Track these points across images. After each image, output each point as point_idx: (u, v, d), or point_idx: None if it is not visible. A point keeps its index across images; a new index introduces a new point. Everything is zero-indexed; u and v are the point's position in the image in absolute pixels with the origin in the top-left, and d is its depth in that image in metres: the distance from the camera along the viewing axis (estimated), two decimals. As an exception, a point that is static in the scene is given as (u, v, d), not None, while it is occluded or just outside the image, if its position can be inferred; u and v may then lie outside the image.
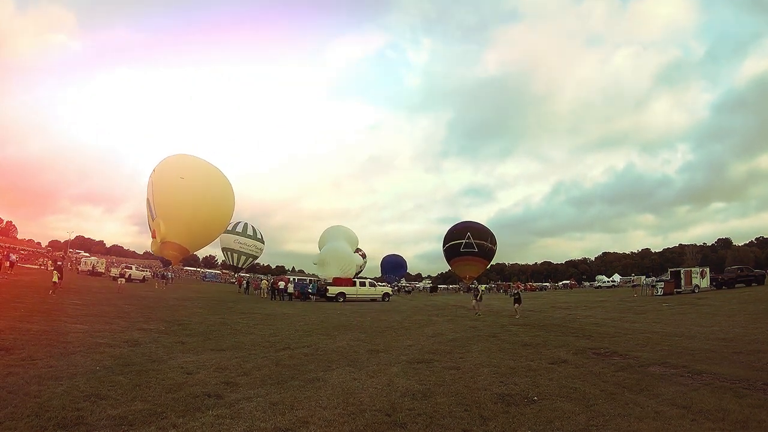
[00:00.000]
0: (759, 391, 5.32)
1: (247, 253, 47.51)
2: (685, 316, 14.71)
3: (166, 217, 23.37)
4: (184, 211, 23.72)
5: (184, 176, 23.95)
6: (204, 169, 26.33)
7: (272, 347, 8.72)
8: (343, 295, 27.71)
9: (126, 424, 3.95)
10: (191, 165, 26.02)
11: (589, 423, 4.32)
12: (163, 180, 24.18)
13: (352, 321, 15.03)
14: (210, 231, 27.31)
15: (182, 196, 23.74)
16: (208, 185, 25.39)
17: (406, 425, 4.25)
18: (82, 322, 10.42)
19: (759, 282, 28.57)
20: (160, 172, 24.77)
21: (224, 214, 28.11)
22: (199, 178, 25.00)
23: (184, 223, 23.86)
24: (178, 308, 16.67)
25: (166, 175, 24.42)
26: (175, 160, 26.32)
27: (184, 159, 26.98)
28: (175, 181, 23.74)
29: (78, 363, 6.13)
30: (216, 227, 28.14)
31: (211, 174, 26.52)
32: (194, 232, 24.97)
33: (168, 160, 26.24)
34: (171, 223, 23.38)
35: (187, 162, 26.37)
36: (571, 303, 25.09)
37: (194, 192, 24.16)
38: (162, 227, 23.06)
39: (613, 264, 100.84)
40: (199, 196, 24.35)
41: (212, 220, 26.26)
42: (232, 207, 28.81)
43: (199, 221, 24.75)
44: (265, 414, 4.41)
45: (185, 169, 25.06)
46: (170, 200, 23.70)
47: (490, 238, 47.22)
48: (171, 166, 25.42)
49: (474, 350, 8.79)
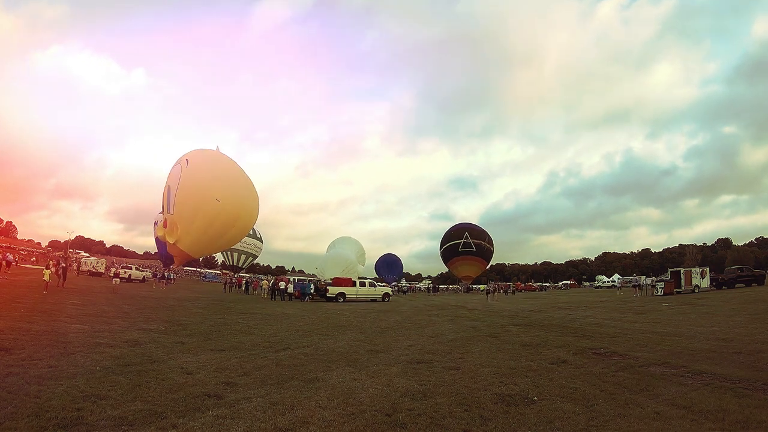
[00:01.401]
0: (759, 391, 5.32)
1: (247, 252, 47.45)
2: (685, 316, 14.70)
3: (186, 226, 22.22)
4: (208, 232, 22.35)
5: (220, 199, 21.84)
6: (240, 185, 23.73)
7: (272, 347, 8.72)
8: (342, 295, 27.71)
9: (126, 424, 3.95)
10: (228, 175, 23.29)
11: (589, 423, 4.32)
12: (196, 188, 21.95)
13: (352, 321, 15.02)
14: (222, 247, 26.60)
15: (213, 218, 21.67)
16: (241, 208, 23.29)
17: (406, 425, 4.25)
18: (82, 322, 10.42)
19: (759, 282, 28.56)
20: (194, 173, 22.45)
21: (245, 233, 27.01)
22: (235, 201, 22.79)
23: (202, 241, 22.91)
24: (178, 308, 16.67)
25: (202, 183, 22.08)
26: (210, 162, 23.73)
27: (220, 161, 24.07)
28: (208, 198, 21.74)
29: (78, 363, 6.13)
30: (230, 243, 27.11)
31: (245, 192, 24.07)
32: (208, 248, 24.44)
33: (202, 158, 23.76)
34: (190, 236, 22.35)
35: (225, 170, 23.54)
36: (571, 303, 25.09)
37: (227, 216, 22.09)
38: (179, 232, 22.31)
39: (613, 264, 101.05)
40: (230, 220, 22.41)
41: (230, 241, 25.30)
42: (254, 224, 27.71)
43: (219, 243, 24.05)
44: (265, 414, 4.41)
45: (221, 180, 22.69)
46: (198, 218, 21.96)
47: (487, 238, 47.39)
48: (205, 167, 23.06)
49: (474, 350, 8.79)
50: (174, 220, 22.52)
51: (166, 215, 23.72)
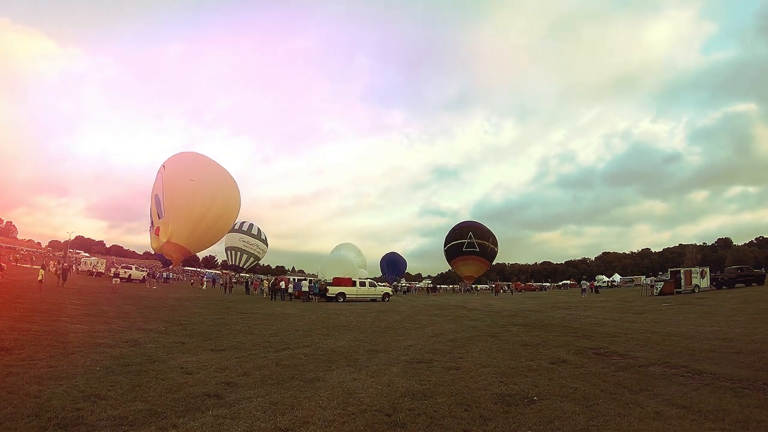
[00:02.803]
0: (759, 391, 5.31)
1: (250, 253, 47.38)
2: (685, 316, 14.70)
3: (174, 219, 23.19)
4: (192, 213, 23.53)
5: (194, 178, 23.74)
6: (213, 170, 25.96)
7: (272, 347, 8.72)
8: (343, 295, 27.70)
9: (126, 424, 3.95)
10: (201, 165, 25.69)
11: (589, 423, 4.32)
12: (175, 180, 23.78)
13: (352, 321, 15.02)
14: (215, 233, 27.20)
15: (191, 198, 23.54)
16: (217, 188, 25.13)
17: (406, 425, 4.25)
18: (82, 322, 10.42)
19: (759, 282, 28.56)
20: (172, 171, 24.23)
21: (231, 216, 27.89)
22: (208, 181, 24.63)
23: (190, 226, 23.73)
24: (177, 308, 16.67)
25: (178, 174, 23.97)
26: (185, 159, 25.91)
27: (195, 158, 26.62)
28: (184, 182, 23.55)
29: (78, 363, 6.13)
30: (221, 230, 27.97)
31: (219, 176, 26.23)
32: (200, 234, 24.87)
33: (178, 158, 25.77)
34: (178, 224, 23.24)
35: (198, 162, 25.99)
36: (571, 303, 25.09)
37: (204, 195, 23.96)
38: (169, 227, 22.91)
39: (613, 264, 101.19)
40: (208, 200, 24.15)
41: (218, 222, 26.06)
42: (238, 209, 28.61)
43: (206, 224, 24.63)
44: (265, 414, 4.41)
45: (195, 169, 24.81)
46: (180, 202, 23.51)
47: (492, 239, 47.32)
48: (182, 164, 25.09)
49: (474, 350, 8.79)
50: (166, 221, 23.14)
51: (157, 223, 24.27)
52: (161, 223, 23.71)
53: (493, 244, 47.32)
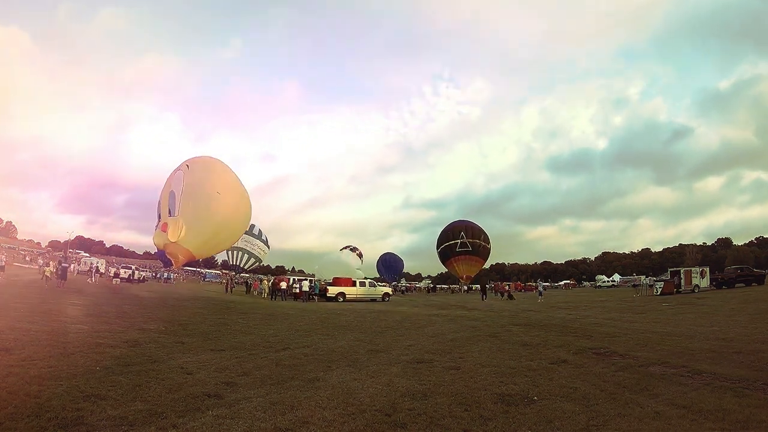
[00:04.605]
0: (759, 391, 5.31)
1: (251, 253, 47.29)
2: (685, 316, 14.71)
3: (189, 224, 23.27)
4: (210, 226, 23.70)
5: (221, 191, 23.95)
6: (236, 185, 25.87)
7: (272, 347, 8.71)
8: (343, 295, 27.70)
9: (126, 424, 3.95)
10: (228, 179, 25.45)
11: (589, 423, 4.32)
12: (199, 188, 23.51)
13: (352, 321, 15.02)
14: (223, 246, 27.77)
15: (213, 211, 23.72)
16: (237, 206, 25.31)
17: (406, 425, 4.25)
18: (82, 322, 10.42)
19: (759, 282, 28.58)
20: (198, 176, 24.08)
21: (242, 231, 28.54)
22: (232, 199, 24.82)
23: (205, 237, 23.88)
24: (177, 308, 16.68)
25: (204, 181, 23.83)
26: (212, 166, 25.81)
27: (223, 169, 26.38)
28: (211, 192, 23.69)
29: (78, 363, 6.13)
30: (230, 242, 28.68)
31: (240, 191, 26.46)
32: (211, 245, 25.16)
33: (203, 163, 25.76)
34: (192, 231, 23.32)
35: (225, 174, 25.80)
36: (571, 303, 25.10)
37: (225, 212, 24.06)
38: (182, 229, 22.97)
39: (613, 264, 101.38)
40: (229, 216, 24.42)
41: (231, 237, 26.48)
42: (248, 225, 29.08)
43: (220, 238, 24.89)
44: (265, 414, 4.41)
45: (223, 182, 24.92)
46: (200, 213, 23.54)
47: (483, 236, 47.35)
48: (208, 173, 24.94)
49: (474, 350, 8.79)
50: (179, 222, 23.22)
51: (166, 219, 24.26)
52: (171, 221, 23.74)
53: (485, 242, 47.39)
